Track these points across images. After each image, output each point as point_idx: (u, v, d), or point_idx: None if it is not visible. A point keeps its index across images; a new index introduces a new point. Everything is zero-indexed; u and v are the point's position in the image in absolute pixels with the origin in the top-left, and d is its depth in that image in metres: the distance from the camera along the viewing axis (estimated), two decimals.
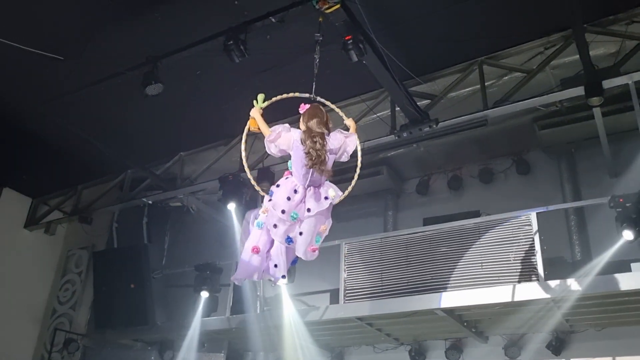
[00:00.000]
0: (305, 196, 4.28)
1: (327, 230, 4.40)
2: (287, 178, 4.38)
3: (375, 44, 6.24)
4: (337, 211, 4.44)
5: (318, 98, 4.71)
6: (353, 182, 4.45)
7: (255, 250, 4.47)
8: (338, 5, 5.61)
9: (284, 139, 4.33)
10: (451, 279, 7.42)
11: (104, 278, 10.40)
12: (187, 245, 10.69)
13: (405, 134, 7.55)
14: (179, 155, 9.94)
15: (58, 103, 7.95)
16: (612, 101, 7.21)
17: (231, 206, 8.66)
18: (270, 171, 8.61)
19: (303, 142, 4.22)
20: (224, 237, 9.48)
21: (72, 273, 11.48)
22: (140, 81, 6.91)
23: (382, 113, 8.02)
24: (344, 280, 8.10)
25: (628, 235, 6.55)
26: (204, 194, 9.79)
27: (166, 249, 10.69)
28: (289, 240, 4.29)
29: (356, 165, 4.52)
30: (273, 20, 6.27)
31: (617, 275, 6.53)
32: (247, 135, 4.59)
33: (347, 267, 8.17)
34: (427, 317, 7.69)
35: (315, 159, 4.16)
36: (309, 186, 4.28)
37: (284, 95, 4.63)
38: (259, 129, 4.50)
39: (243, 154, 4.59)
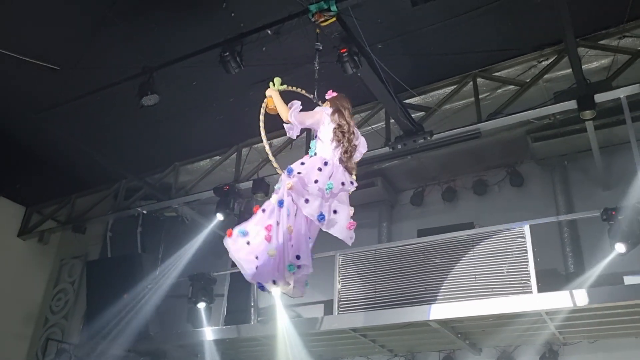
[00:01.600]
0: (334, 170, 4.04)
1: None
2: (310, 157, 4.19)
3: (370, 56, 6.30)
4: None
5: (320, 102, 4.67)
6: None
7: (268, 238, 3.93)
8: (334, 19, 5.67)
9: (311, 115, 4.24)
10: (445, 290, 7.42)
11: (98, 287, 10.33)
12: (181, 255, 10.65)
13: (399, 146, 7.60)
14: (173, 165, 9.96)
15: (53, 112, 7.94)
16: (605, 114, 7.29)
17: (220, 216, 8.71)
18: (264, 182, 8.64)
19: (334, 122, 4.15)
20: (218, 248, 9.44)
21: (65, 282, 11.44)
22: (136, 92, 6.94)
23: (376, 125, 8.07)
24: (338, 291, 8.08)
25: (620, 248, 6.58)
26: (198, 204, 9.80)
27: (160, 259, 10.64)
28: (322, 217, 3.89)
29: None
30: (269, 32, 6.34)
31: (610, 288, 6.55)
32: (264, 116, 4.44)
33: (341, 278, 8.16)
34: (421, 328, 7.68)
35: (348, 148, 4.10)
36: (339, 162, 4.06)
37: (294, 88, 4.64)
38: (274, 109, 4.38)
39: (262, 132, 4.37)
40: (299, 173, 3.95)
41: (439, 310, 7.26)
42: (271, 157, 4.34)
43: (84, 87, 7.45)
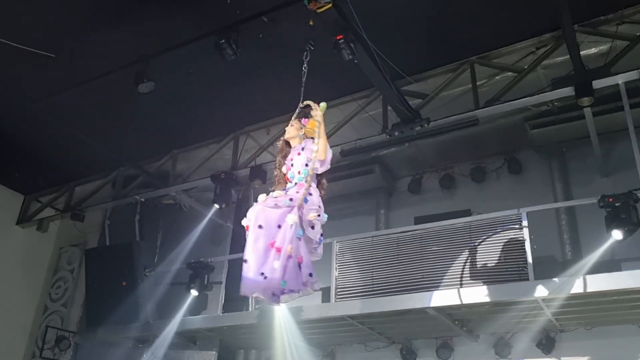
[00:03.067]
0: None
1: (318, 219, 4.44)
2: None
3: (367, 43, 6.26)
4: (329, 209, 4.47)
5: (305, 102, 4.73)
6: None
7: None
8: (329, 5, 5.62)
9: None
10: (442, 277, 7.43)
11: (96, 275, 10.37)
12: (179, 243, 10.67)
13: (396, 133, 7.58)
14: (171, 153, 9.95)
15: (51, 101, 7.93)
16: (603, 101, 7.25)
17: (221, 204, 8.70)
18: (262, 169, 8.64)
19: None
20: (216, 235, 9.49)
21: (64, 270, 11.48)
22: (132, 79, 6.92)
23: (373, 112, 8.04)
24: (336, 279, 8.10)
25: (617, 235, 6.57)
26: (195, 192, 9.80)
27: (158, 247, 10.67)
28: (320, 242, 4.50)
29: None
30: (265, 19, 6.29)
31: (607, 275, 6.55)
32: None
33: (338, 266, 8.18)
34: (418, 315, 7.69)
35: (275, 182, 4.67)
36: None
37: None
38: (311, 132, 4.55)
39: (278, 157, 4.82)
40: (319, 207, 4.47)
41: (436, 298, 7.27)
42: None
43: (80, 75, 7.43)
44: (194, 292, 9.32)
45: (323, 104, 4.56)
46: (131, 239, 10.42)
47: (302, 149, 4.60)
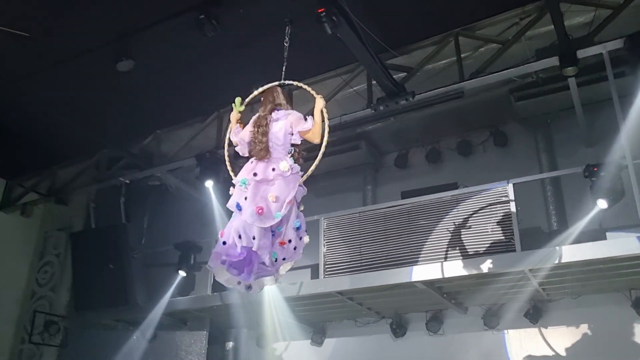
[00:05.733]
0: (257, 165, 4.40)
1: (286, 201, 4.28)
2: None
3: (350, 16, 6.15)
4: (316, 187, 4.47)
5: (287, 82, 4.76)
6: (316, 161, 4.43)
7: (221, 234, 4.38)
8: None
9: (243, 133, 4.63)
10: (430, 251, 7.46)
11: (83, 259, 10.32)
12: (167, 223, 10.62)
13: (381, 107, 7.52)
14: (155, 133, 9.84)
15: (28, 82, 7.77)
16: (587, 71, 7.24)
17: (209, 183, 8.63)
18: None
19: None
20: (203, 215, 9.43)
21: (50, 255, 11.39)
22: (111, 58, 6.79)
23: (358, 87, 7.98)
24: (324, 255, 8.11)
25: (602, 203, 6.63)
26: (181, 172, 9.72)
27: (145, 228, 10.60)
28: (238, 206, 4.28)
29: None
30: None
31: (592, 244, 6.61)
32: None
33: (326, 242, 8.18)
34: (407, 289, 7.75)
35: (254, 146, 4.45)
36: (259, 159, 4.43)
37: (256, 92, 4.82)
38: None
39: (226, 153, 4.88)
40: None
41: (425, 271, 7.32)
42: (232, 174, 4.66)
43: (57, 54, 7.28)
44: (182, 273, 9.31)
45: (237, 99, 4.78)
46: (117, 221, 10.34)
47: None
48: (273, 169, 4.34)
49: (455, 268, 7.15)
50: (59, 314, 10.73)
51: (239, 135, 4.64)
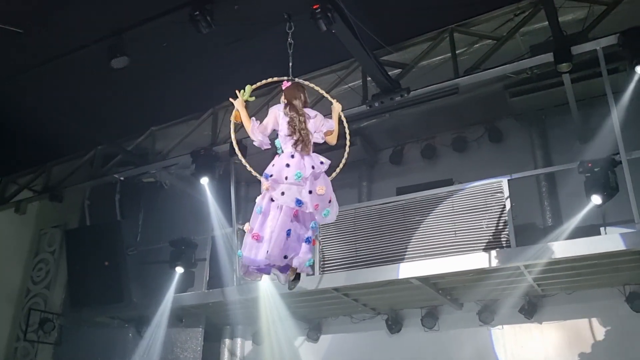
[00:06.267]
0: (300, 159, 4.34)
1: (327, 194, 4.35)
2: (278, 156, 4.45)
3: (345, 12, 6.15)
4: None
5: (296, 79, 4.82)
6: (344, 160, 4.69)
7: (256, 237, 4.28)
8: None
9: (269, 119, 4.51)
10: (425, 247, 7.48)
11: (78, 256, 10.27)
12: (162, 220, 10.60)
13: (377, 104, 7.52)
14: (149, 130, 9.80)
15: (22, 78, 7.71)
16: (582, 67, 7.26)
17: (204, 180, 8.61)
18: (242, 144, 8.49)
19: (287, 115, 4.44)
20: (198, 212, 9.41)
21: (45, 252, 11.35)
22: (105, 54, 6.75)
23: (353, 83, 7.97)
24: (320, 252, 8.11)
25: (596, 199, 6.65)
26: (176, 169, 9.69)
27: (140, 225, 10.57)
28: (299, 202, 4.19)
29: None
30: None
31: (586, 240, 6.64)
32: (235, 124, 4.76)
33: (322, 239, 8.17)
34: (403, 285, 7.77)
35: (299, 138, 4.36)
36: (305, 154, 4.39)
37: (264, 81, 4.77)
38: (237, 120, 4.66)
39: (234, 142, 4.76)
40: (271, 176, 4.28)
41: (420, 267, 7.34)
42: (245, 163, 4.67)
43: (51, 50, 7.22)
44: (179, 270, 9.29)
45: (248, 87, 4.67)
46: (112, 218, 10.31)
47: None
48: (322, 162, 4.38)
49: (450, 264, 7.17)
50: (54, 312, 10.70)
51: (259, 129, 4.50)
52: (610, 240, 6.49)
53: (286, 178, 4.23)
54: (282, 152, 4.42)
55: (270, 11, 6.17)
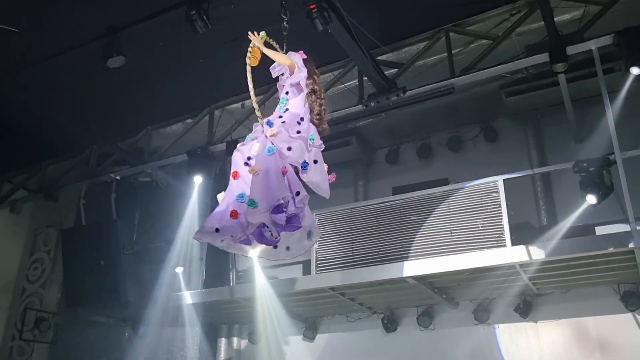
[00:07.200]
0: (310, 127, 4.22)
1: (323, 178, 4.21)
2: (285, 111, 4.23)
3: (341, 12, 6.16)
4: None
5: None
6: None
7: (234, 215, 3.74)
8: None
9: (288, 61, 4.35)
10: (421, 246, 7.49)
11: (74, 256, 10.25)
12: (158, 220, 10.58)
13: (372, 104, 7.53)
14: (145, 129, 9.79)
15: (18, 77, 7.70)
16: (577, 67, 7.29)
17: (197, 179, 8.61)
18: (238, 144, 8.52)
19: (311, 93, 4.29)
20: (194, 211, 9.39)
21: (40, 252, 11.34)
22: (101, 53, 6.74)
23: (349, 83, 7.98)
24: (316, 251, 8.11)
25: (591, 199, 6.68)
26: (172, 168, 9.68)
27: (136, 225, 10.55)
28: (305, 164, 3.99)
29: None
30: None
31: (581, 239, 6.68)
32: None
33: (318, 238, 8.18)
34: (399, 285, 7.78)
35: (320, 117, 4.28)
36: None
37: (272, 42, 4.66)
38: (256, 58, 4.41)
39: (250, 85, 4.31)
40: (283, 122, 4.03)
41: (416, 267, 7.35)
42: (256, 106, 4.34)
43: (46, 50, 7.22)
44: (179, 269, 9.27)
45: (262, 33, 4.50)
46: (108, 217, 10.30)
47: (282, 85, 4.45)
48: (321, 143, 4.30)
49: (446, 263, 7.18)
50: (50, 311, 10.69)
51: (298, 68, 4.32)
52: (605, 240, 6.53)
53: (298, 132, 4.00)
54: (287, 110, 4.22)
55: (267, 10, 6.18)
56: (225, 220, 3.75)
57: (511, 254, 6.84)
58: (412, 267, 7.35)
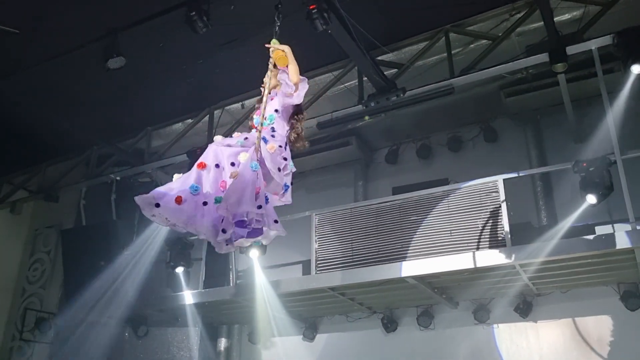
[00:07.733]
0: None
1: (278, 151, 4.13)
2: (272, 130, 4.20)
3: (341, 13, 6.17)
4: (308, 182, 4.41)
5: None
6: None
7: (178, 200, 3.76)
8: None
9: (298, 98, 4.32)
10: (421, 246, 7.49)
11: (74, 256, 10.24)
12: None
13: (372, 104, 7.54)
14: (145, 129, 9.79)
15: (18, 78, 7.70)
16: (577, 67, 7.31)
17: None
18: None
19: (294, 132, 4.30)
20: None
21: (40, 252, 11.31)
22: (101, 54, 6.75)
23: (349, 83, 7.99)
24: (316, 251, 8.12)
25: (591, 199, 6.67)
26: (172, 169, 9.67)
27: (136, 225, 10.54)
28: (287, 187, 4.10)
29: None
30: None
31: (580, 239, 6.68)
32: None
33: (318, 238, 8.19)
34: (399, 285, 7.79)
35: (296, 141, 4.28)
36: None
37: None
38: (281, 62, 4.37)
39: (266, 92, 4.26)
40: (280, 146, 4.08)
41: (416, 267, 7.36)
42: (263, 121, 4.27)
43: (47, 51, 7.22)
44: (179, 270, 9.27)
45: (273, 40, 4.50)
46: (108, 218, 10.30)
47: (276, 94, 4.36)
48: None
49: (446, 263, 7.19)
50: (50, 311, 10.67)
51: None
52: (605, 239, 6.53)
53: (285, 159, 4.11)
54: (274, 130, 4.19)
55: (267, 11, 6.18)
56: (168, 200, 3.80)
57: (511, 254, 6.84)
58: (412, 267, 7.36)
